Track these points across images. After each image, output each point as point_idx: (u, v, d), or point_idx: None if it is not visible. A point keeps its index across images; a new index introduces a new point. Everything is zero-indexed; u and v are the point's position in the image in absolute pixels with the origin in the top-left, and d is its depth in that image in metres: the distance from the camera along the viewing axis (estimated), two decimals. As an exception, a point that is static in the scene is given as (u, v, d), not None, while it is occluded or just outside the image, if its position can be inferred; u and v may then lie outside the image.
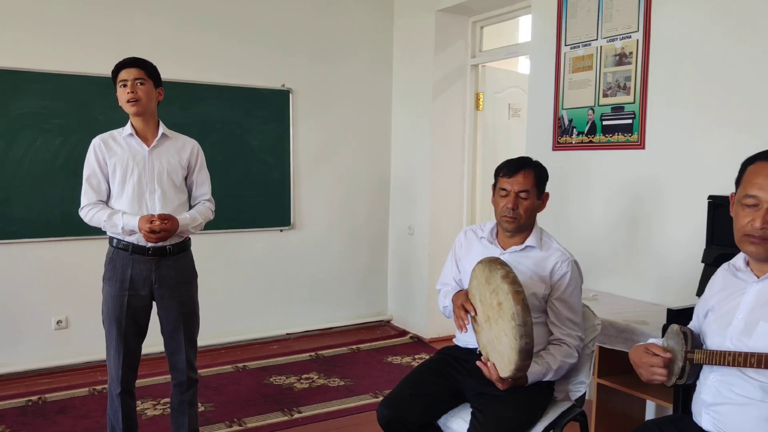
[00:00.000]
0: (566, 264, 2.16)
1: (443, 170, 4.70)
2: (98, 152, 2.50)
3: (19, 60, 3.73)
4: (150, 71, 2.54)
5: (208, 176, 2.72)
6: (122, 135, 2.53)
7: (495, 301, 1.90)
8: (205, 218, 2.65)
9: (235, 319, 4.47)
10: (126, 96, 2.46)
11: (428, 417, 2.14)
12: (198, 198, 2.70)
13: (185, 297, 2.61)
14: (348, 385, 3.75)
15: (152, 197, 2.51)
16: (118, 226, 2.45)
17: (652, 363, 1.63)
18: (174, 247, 2.55)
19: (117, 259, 2.51)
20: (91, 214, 2.49)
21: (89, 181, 2.51)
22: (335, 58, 4.76)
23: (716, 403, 1.59)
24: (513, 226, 2.18)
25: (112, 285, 2.51)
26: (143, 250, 2.49)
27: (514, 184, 2.16)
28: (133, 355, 2.56)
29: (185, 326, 2.61)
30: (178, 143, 2.62)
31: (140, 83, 2.48)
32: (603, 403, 2.89)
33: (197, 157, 2.66)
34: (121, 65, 2.52)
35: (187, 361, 2.62)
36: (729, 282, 1.67)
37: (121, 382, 2.53)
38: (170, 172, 2.55)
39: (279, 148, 4.57)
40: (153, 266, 2.51)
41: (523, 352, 1.80)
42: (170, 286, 2.55)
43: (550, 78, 3.63)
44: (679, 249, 2.96)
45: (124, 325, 2.50)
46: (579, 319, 2.18)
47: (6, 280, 3.79)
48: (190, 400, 2.68)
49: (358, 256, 5.00)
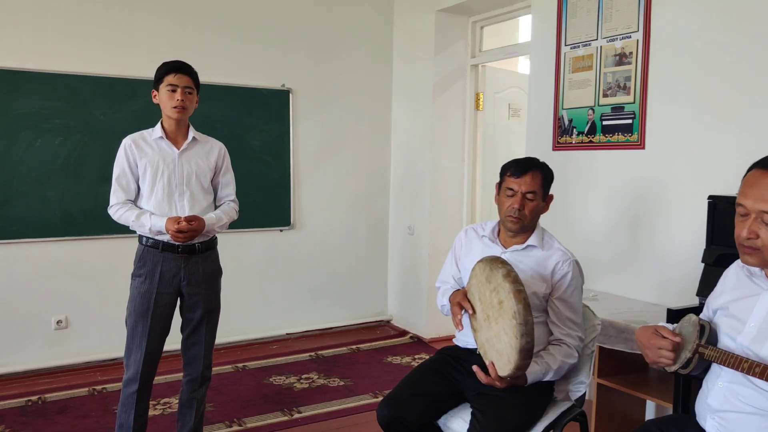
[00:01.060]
0: (567, 264, 2.16)
1: (443, 170, 4.70)
2: (129, 153, 2.55)
3: (19, 60, 3.73)
4: (196, 80, 2.61)
5: (233, 178, 2.80)
6: (153, 137, 2.58)
7: (495, 300, 1.90)
8: (230, 218, 2.72)
9: (235, 319, 4.46)
10: (174, 102, 2.51)
11: (428, 417, 2.14)
12: (223, 198, 2.76)
13: (211, 293, 2.69)
14: (348, 385, 3.75)
15: (181, 199, 2.57)
16: (146, 227, 2.50)
17: (660, 345, 1.59)
18: (202, 245, 2.62)
19: (147, 256, 2.56)
20: (120, 213, 2.54)
21: (119, 181, 2.56)
22: (335, 57, 4.76)
23: (723, 410, 1.57)
24: (517, 226, 2.18)
25: (142, 282, 2.55)
26: (173, 248, 2.55)
27: (522, 184, 2.16)
28: (155, 353, 2.60)
29: (209, 323, 2.68)
30: (207, 146, 2.69)
31: (189, 92, 2.55)
32: (603, 403, 2.90)
33: (224, 160, 2.74)
34: (171, 68, 2.55)
35: (205, 357, 2.68)
36: (743, 283, 1.63)
37: (140, 378, 2.55)
38: (199, 174, 2.62)
39: (279, 148, 4.57)
40: (182, 263, 2.57)
41: (524, 351, 1.80)
42: (198, 282, 2.61)
43: (550, 78, 3.63)
44: (679, 249, 2.96)
45: (150, 322, 2.54)
46: (579, 319, 2.18)
47: (6, 280, 3.78)
48: (201, 398, 2.72)
49: (358, 256, 5.00)
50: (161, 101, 2.56)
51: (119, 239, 3.92)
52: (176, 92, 2.51)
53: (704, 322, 1.62)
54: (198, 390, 2.70)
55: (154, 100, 2.60)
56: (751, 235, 1.48)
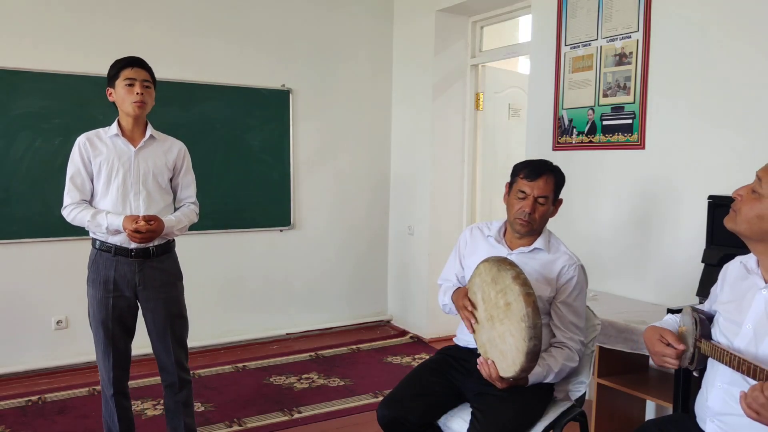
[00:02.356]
0: (573, 268, 2.15)
1: (443, 170, 4.70)
2: (83, 151, 2.47)
3: (19, 60, 3.73)
4: (153, 76, 2.53)
5: (194, 179, 2.69)
6: (108, 134, 2.50)
7: (502, 301, 1.89)
8: (190, 221, 2.61)
9: (235, 319, 4.47)
10: (134, 97, 2.43)
11: (428, 417, 2.14)
12: (183, 200, 2.66)
13: (170, 298, 2.57)
14: (348, 385, 3.75)
15: (137, 198, 2.47)
16: (102, 226, 2.41)
17: (665, 353, 1.61)
18: (158, 249, 2.51)
19: (100, 261, 2.48)
20: (75, 213, 2.46)
21: (73, 180, 2.47)
22: (335, 58, 4.76)
23: (723, 413, 1.57)
24: (526, 230, 2.17)
25: (96, 287, 2.48)
26: (127, 252, 2.46)
27: (535, 188, 2.14)
28: (123, 357, 2.55)
29: (172, 327, 2.56)
30: (165, 145, 2.59)
31: (147, 86, 2.47)
32: (603, 403, 2.90)
33: (183, 160, 2.63)
34: (127, 63, 2.47)
35: (176, 362, 2.59)
36: (739, 282, 1.64)
37: (113, 383, 2.51)
38: (156, 173, 2.52)
39: (279, 148, 4.57)
40: (137, 268, 2.48)
41: (531, 354, 1.80)
42: (155, 287, 2.51)
43: (550, 78, 3.63)
44: (679, 249, 2.96)
45: (111, 328, 2.48)
46: (582, 323, 2.17)
47: (6, 280, 3.79)
48: (185, 401, 2.65)
49: (358, 256, 5.00)
50: (118, 97, 2.46)
51: (119, 239, 3.92)
52: (134, 86, 2.42)
53: (696, 315, 1.63)
54: (179, 394, 2.63)
55: (110, 98, 2.50)
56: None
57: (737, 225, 1.54)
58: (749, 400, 1.36)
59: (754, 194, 1.51)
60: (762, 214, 1.48)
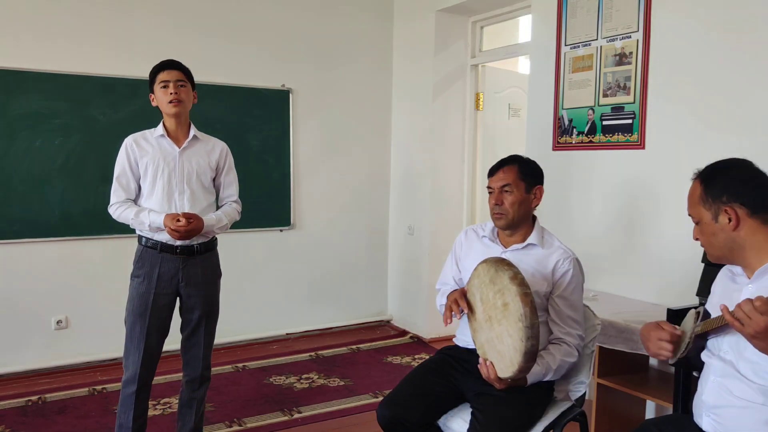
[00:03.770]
0: (568, 262, 2.16)
1: (443, 170, 4.70)
2: (130, 152, 2.56)
3: (19, 60, 3.73)
4: (188, 74, 2.62)
5: (236, 178, 2.79)
6: (154, 135, 2.59)
7: (500, 302, 1.90)
8: (231, 219, 2.70)
9: (235, 319, 4.46)
10: (168, 97, 2.52)
11: (428, 417, 2.14)
12: (225, 199, 2.75)
13: (210, 295, 2.68)
14: (348, 385, 3.75)
15: (181, 197, 2.56)
16: (145, 224, 2.51)
17: (661, 336, 1.63)
18: (201, 246, 2.61)
19: (146, 256, 2.56)
20: (120, 211, 2.55)
21: (119, 180, 2.57)
22: (335, 58, 4.75)
23: (717, 406, 1.59)
24: (502, 222, 2.20)
25: (140, 282, 2.56)
26: (171, 249, 2.54)
27: (496, 180, 2.23)
28: (154, 354, 2.60)
29: (207, 324, 2.67)
30: (209, 145, 2.69)
31: (181, 85, 2.55)
32: (603, 403, 2.90)
33: (226, 159, 2.73)
34: (161, 66, 2.58)
35: (204, 358, 2.68)
36: (727, 286, 1.69)
37: (138, 379, 2.55)
38: (200, 173, 2.61)
39: (279, 148, 4.57)
40: (180, 264, 2.57)
41: (528, 354, 1.80)
42: (197, 284, 2.61)
43: (550, 78, 3.63)
44: (679, 249, 2.95)
45: (148, 323, 2.54)
46: (580, 317, 2.18)
47: (6, 280, 3.78)
48: (201, 398, 2.72)
49: (358, 256, 5.00)
50: (158, 100, 2.57)
51: (119, 239, 3.92)
52: (169, 87, 2.53)
53: (700, 309, 1.67)
54: (197, 390, 2.70)
55: (153, 104, 2.61)
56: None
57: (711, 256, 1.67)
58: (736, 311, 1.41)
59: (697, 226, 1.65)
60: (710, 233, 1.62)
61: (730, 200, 1.57)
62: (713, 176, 1.63)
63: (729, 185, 1.59)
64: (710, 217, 1.60)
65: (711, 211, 1.60)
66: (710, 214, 1.60)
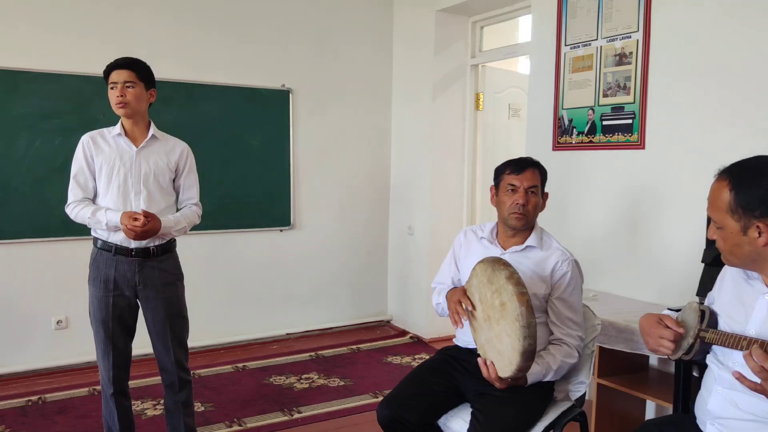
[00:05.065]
0: (567, 263, 2.16)
1: (443, 170, 4.70)
2: (86, 149, 2.50)
3: (19, 60, 3.73)
4: (141, 73, 2.50)
5: (197, 180, 2.69)
6: (111, 134, 2.52)
7: (497, 301, 1.90)
8: (190, 222, 2.61)
9: (235, 319, 4.47)
10: (115, 99, 2.45)
11: (428, 417, 2.14)
12: (185, 201, 2.65)
13: (171, 298, 2.57)
14: (348, 385, 3.75)
15: (137, 198, 2.48)
16: (102, 223, 2.43)
17: (662, 335, 1.59)
18: (158, 248, 2.52)
19: (100, 259, 2.50)
20: (77, 211, 2.48)
21: (76, 179, 2.50)
22: (335, 58, 4.76)
23: (723, 417, 1.57)
24: (522, 222, 2.17)
25: (96, 286, 2.49)
26: (127, 251, 2.47)
27: (524, 180, 2.16)
28: (123, 356, 2.55)
29: (172, 327, 2.57)
30: (168, 145, 2.60)
31: (130, 86, 2.46)
32: (603, 403, 2.90)
33: (186, 160, 2.63)
34: (111, 66, 2.49)
35: (176, 362, 2.59)
36: (740, 287, 1.62)
37: (113, 383, 2.52)
38: (157, 173, 2.53)
39: (279, 148, 4.57)
40: (137, 267, 2.49)
41: (526, 353, 1.80)
42: (155, 287, 2.52)
43: (550, 78, 3.63)
44: (679, 249, 2.96)
45: (111, 327, 2.49)
46: (579, 318, 2.18)
47: (6, 280, 3.79)
48: (185, 401, 2.66)
49: (358, 256, 5.00)
50: (110, 101, 2.49)
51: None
52: (116, 89, 2.44)
53: (704, 307, 1.62)
54: (179, 394, 2.63)
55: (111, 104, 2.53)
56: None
57: (729, 261, 1.59)
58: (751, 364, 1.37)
59: (719, 230, 1.56)
60: (734, 243, 1.52)
61: (764, 215, 1.45)
62: (746, 184, 1.49)
63: (765, 199, 1.45)
64: (738, 229, 1.49)
65: (740, 223, 1.49)
66: (738, 226, 1.49)
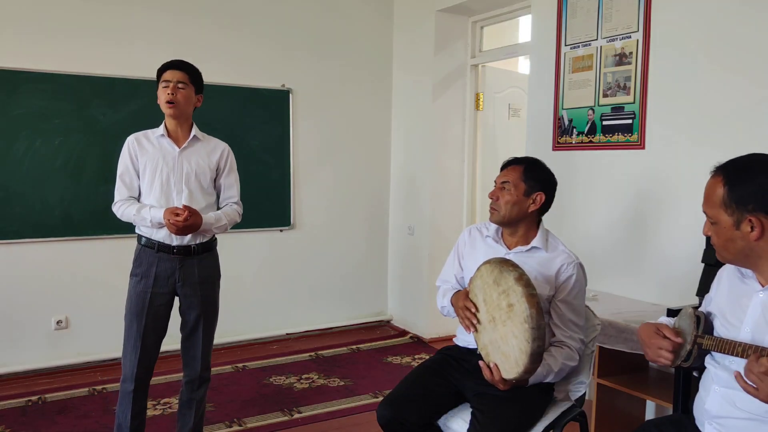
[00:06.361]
0: (572, 266, 2.15)
1: (443, 170, 4.70)
2: (131, 150, 2.58)
3: (19, 60, 3.73)
4: (193, 76, 2.61)
5: (238, 179, 2.78)
6: (155, 135, 2.60)
7: (504, 303, 1.89)
8: (231, 220, 2.69)
9: (235, 319, 4.46)
10: (165, 97, 2.53)
11: (428, 417, 2.14)
12: (226, 200, 2.74)
13: (208, 296, 2.66)
14: (348, 385, 3.75)
15: (179, 197, 2.56)
16: (147, 219, 2.51)
17: (661, 345, 1.59)
18: (199, 246, 2.61)
19: (143, 256, 2.57)
20: (123, 209, 2.56)
21: (122, 178, 2.59)
22: (335, 58, 4.76)
23: (721, 416, 1.57)
24: (494, 217, 2.22)
25: (137, 281, 2.57)
26: (169, 249, 2.55)
27: (500, 176, 2.24)
28: (151, 353, 2.60)
29: (205, 325, 2.66)
30: (209, 146, 2.69)
31: (181, 87, 2.55)
32: (603, 403, 2.90)
33: (227, 160, 2.72)
34: (167, 66, 2.59)
35: (202, 359, 2.67)
36: (735, 286, 1.63)
37: (135, 378, 2.56)
38: (198, 173, 2.61)
39: (279, 148, 4.57)
40: (178, 264, 2.57)
41: (534, 355, 1.79)
42: (193, 284, 2.61)
43: (550, 78, 3.63)
44: (679, 249, 2.96)
45: (144, 322, 2.55)
46: (582, 321, 2.17)
47: (6, 280, 3.78)
48: (200, 398, 2.72)
49: (358, 256, 5.00)
50: (159, 99, 2.58)
51: (119, 239, 3.92)
52: (168, 87, 2.53)
53: (699, 313, 1.62)
54: (197, 391, 2.70)
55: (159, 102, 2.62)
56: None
57: (723, 257, 1.60)
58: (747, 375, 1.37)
59: (713, 225, 1.57)
60: (727, 237, 1.53)
61: (757, 210, 1.47)
62: (739, 179, 1.51)
63: (757, 194, 1.47)
64: (731, 223, 1.51)
65: (733, 218, 1.50)
66: (731, 220, 1.51)
